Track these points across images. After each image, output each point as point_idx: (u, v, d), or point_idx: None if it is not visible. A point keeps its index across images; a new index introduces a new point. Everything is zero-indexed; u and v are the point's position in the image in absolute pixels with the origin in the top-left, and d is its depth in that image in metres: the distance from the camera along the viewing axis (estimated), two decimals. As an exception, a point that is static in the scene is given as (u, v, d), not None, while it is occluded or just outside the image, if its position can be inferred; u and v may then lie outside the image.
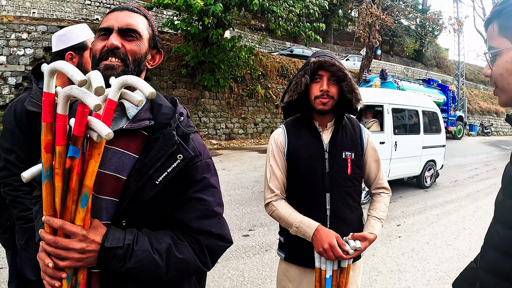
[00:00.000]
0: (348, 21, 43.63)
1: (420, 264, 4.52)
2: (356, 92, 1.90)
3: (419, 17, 28.90)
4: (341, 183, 1.91)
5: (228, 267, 4.26)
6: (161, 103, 1.24)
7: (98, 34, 1.21)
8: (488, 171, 11.57)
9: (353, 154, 1.94)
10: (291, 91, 1.92)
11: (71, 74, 0.88)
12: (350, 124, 2.03)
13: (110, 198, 1.11)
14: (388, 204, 2.04)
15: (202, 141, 1.28)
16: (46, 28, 13.06)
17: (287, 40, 30.88)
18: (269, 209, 1.95)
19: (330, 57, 1.89)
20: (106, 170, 1.11)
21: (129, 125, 1.15)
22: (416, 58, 43.51)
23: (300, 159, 1.92)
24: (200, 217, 1.18)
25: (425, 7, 41.57)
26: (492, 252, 0.97)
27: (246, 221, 5.89)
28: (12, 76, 12.27)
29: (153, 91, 0.99)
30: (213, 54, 15.00)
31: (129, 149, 1.14)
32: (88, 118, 0.95)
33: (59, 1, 20.20)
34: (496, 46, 0.99)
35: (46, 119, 0.94)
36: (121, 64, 1.17)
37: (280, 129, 2.05)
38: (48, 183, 0.97)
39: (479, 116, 32.20)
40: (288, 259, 2.01)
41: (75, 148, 0.95)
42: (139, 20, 1.23)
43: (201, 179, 1.19)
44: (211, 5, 12.29)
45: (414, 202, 7.55)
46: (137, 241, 1.07)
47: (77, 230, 0.99)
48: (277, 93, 19.28)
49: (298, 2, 14.66)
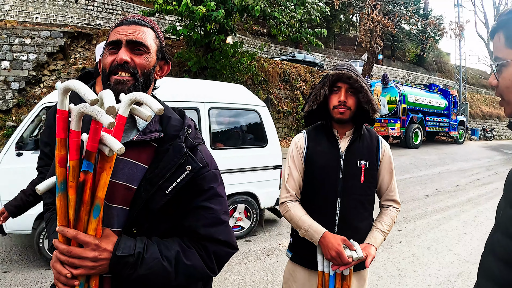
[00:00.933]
0: (350, 26, 43.75)
1: (421, 269, 4.54)
2: (372, 103, 1.98)
3: (421, 22, 28.97)
4: (353, 190, 1.98)
5: (230, 272, 4.29)
6: (170, 116, 1.28)
7: (107, 48, 1.23)
8: (490, 176, 11.56)
9: (368, 163, 2.01)
10: (310, 101, 2.03)
11: (83, 93, 0.92)
12: (369, 135, 2.11)
13: (121, 206, 1.15)
14: (395, 219, 2.09)
15: (209, 152, 1.32)
16: (49, 33, 13.17)
17: (289, 45, 30.93)
18: (283, 208, 2.05)
19: (348, 69, 1.98)
20: (118, 180, 1.15)
21: (139, 137, 1.19)
22: (418, 62, 43.50)
23: (317, 163, 2.01)
24: (208, 224, 1.22)
25: (426, 12, 41.58)
26: (492, 259, 0.96)
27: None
28: (15, 81, 12.36)
29: (161, 107, 1.02)
30: (215, 59, 15.04)
31: (139, 160, 1.19)
32: (101, 134, 0.99)
33: (62, 7, 20.34)
34: (503, 57, 0.96)
35: (60, 135, 0.99)
36: (131, 78, 1.20)
37: (302, 134, 2.16)
38: (62, 195, 1.01)
39: (481, 121, 32.14)
40: (295, 259, 2.10)
41: (88, 162, 1.00)
42: (146, 33, 1.25)
43: (209, 189, 1.24)
44: (213, 11, 12.35)
45: (415, 207, 7.57)
46: (147, 249, 1.11)
47: (90, 240, 1.03)
48: (279, 99, 19.30)
49: (299, 8, 14.70)
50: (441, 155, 15.95)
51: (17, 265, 4.38)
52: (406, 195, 8.65)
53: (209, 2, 12.15)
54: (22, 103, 12.18)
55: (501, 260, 0.91)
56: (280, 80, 19.80)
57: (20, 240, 5.07)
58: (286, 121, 19.13)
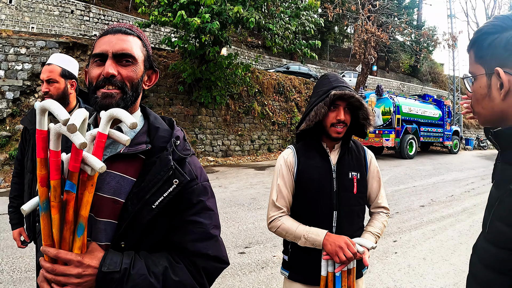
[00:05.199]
0: (344, 38, 44.13)
1: (417, 280, 4.51)
2: (370, 118, 2.01)
3: (414, 33, 29.33)
4: (348, 202, 1.99)
5: (224, 285, 4.24)
6: (158, 126, 1.26)
7: (93, 60, 1.20)
8: (484, 185, 11.56)
9: (358, 174, 2.04)
10: (309, 120, 1.96)
11: (57, 113, 0.91)
12: (355, 146, 2.14)
13: (109, 220, 1.13)
14: (386, 223, 2.12)
15: (199, 164, 1.30)
16: (45, 43, 13.15)
17: (284, 57, 31.13)
18: (274, 224, 1.98)
19: (348, 87, 1.97)
20: (105, 194, 1.13)
21: (126, 150, 1.17)
22: (412, 73, 43.89)
23: (311, 178, 1.99)
24: (196, 239, 1.20)
25: (419, 23, 42.09)
26: (480, 266, 1.05)
27: (242, 238, 5.87)
28: (10, 91, 12.30)
29: (134, 121, 1.01)
30: (210, 71, 15.10)
31: (127, 173, 1.17)
32: (83, 154, 0.99)
33: (58, 17, 20.43)
34: (473, 72, 1.08)
35: (40, 155, 0.98)
36: (119, 91, 1.17)
37: (290, 150, 2.11)
38: (45, 215, 1.01)
39: (475, 130, 32.36)
40: (292, 277, 2.05)
41: (71, 183, 0.99)
42: (133, 43, 1.21)
43: (197, 202, 1.21)
44: (208, 23, 12.43)
45: (410, 217, 7.55)
46: (134, 265, 1.09)
47: (71, 257, 1.02)
48: (274, 110, 19.36)
49: (294, 20, 14.83)
50: (435, 165, 15.99)
51: (8, 276, 4.31)
52: (401, 205, 8.63)
53: (204, 14, 12.25)
54: (17, 113, 12.11)
55: (488, 266, 1.01)
56: (274, 92, 19.88)
57: (12, 251, 5.01)
58: (280, 133, 19.17)
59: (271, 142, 18.48)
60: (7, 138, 11.60)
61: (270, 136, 18.76)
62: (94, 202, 1.08)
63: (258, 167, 13.69)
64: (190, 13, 13.10)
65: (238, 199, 8.55)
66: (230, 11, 12.48)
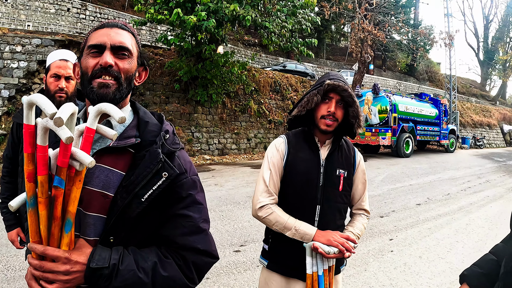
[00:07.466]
0: (341, 37, 44.17)
1: (413, 278, 4.50)
2: (360, 118, 1.99)
3: (411, 32, 29.31)
4: (332, 198, 2.00)
5: (218, 283, 4.22)
6: (147, 120, 1.26)
7: (88, 51, 1.20)
8: (481, 184, 11.61)
9: (346, 172, 2.05)
10: (301, 106, 1.99)
11: (44, 107, 0.90)
12: (346, 145, 2.14)
13: (98, 214, 1.13)
14: (366, 226, 2.14)
15: (188, 158, 1.30)
16: (41, 41, 13.08)
17: (280, 55, 31.13)
18: (265, 211, 1.95)
19: (344, 82, 1.97)
20: (94, 187, 1.13)
21: (115, 143, 1.17)
22: (409, 72, 43.99)
23: (298, 170, 1.99)
24: (185, 233, 1.19)
25: (416, 22, 42.15)
26: None
27: (238, 236, 5.86)
28: (5, 89, 12.23)
29: (123, 115, 1.01)
30: (206, 69, 15.06)
31: (116, 167, 1.16)
32: (72, 149, 0.98)
33: (54, 15, 20.33)
34: None
35: (27, 150, 0.97)
36: (115, 82, 1.18)
37: (281, 139, 2.11)
38: (33, 211, 0.99)
39: (472, 129, 32.47)
40: (271, 267, 2.05)
41: (59, 178, 0.98)
42: (129, 38, 1.24)
43: (187, 196, 1.21)
44: (204, 21, 12.39)
45: (406, 216, 7.55)
46: (123, 261, 1.08)
47: (59, 254, 1.01)
48: (270, 109, 19.35)
49: (290, 18, 14.81)
50: (432, 164, 16.03)
51: (2, 275, 4.28)
52: (398, 204, 8.64)
53: (200, 12, 12.20)
54: (12, 111, 12.05)
55: None
56: (271, 90, 19.87)
57: (6, 250, 4.98)
58: (277, 131, 19.16)
59: (267, 141, 18.46)
60: (2, 136, 11.55)
61: (267, 135, 18.74)
62: (83, 196, 1.07)
63: (254, 166, 13.67)
64: (186, 11, 13.06)
65: (234, 197, 8.54)
66: (226, 9, 12.44)
